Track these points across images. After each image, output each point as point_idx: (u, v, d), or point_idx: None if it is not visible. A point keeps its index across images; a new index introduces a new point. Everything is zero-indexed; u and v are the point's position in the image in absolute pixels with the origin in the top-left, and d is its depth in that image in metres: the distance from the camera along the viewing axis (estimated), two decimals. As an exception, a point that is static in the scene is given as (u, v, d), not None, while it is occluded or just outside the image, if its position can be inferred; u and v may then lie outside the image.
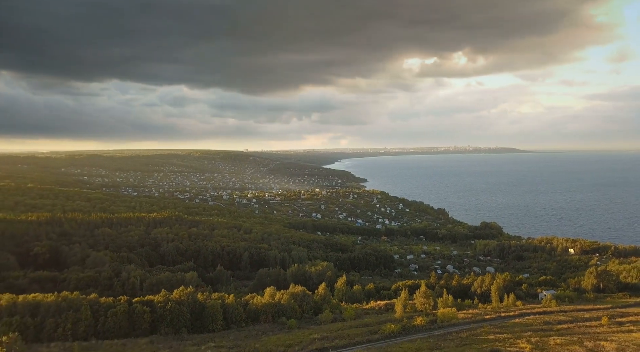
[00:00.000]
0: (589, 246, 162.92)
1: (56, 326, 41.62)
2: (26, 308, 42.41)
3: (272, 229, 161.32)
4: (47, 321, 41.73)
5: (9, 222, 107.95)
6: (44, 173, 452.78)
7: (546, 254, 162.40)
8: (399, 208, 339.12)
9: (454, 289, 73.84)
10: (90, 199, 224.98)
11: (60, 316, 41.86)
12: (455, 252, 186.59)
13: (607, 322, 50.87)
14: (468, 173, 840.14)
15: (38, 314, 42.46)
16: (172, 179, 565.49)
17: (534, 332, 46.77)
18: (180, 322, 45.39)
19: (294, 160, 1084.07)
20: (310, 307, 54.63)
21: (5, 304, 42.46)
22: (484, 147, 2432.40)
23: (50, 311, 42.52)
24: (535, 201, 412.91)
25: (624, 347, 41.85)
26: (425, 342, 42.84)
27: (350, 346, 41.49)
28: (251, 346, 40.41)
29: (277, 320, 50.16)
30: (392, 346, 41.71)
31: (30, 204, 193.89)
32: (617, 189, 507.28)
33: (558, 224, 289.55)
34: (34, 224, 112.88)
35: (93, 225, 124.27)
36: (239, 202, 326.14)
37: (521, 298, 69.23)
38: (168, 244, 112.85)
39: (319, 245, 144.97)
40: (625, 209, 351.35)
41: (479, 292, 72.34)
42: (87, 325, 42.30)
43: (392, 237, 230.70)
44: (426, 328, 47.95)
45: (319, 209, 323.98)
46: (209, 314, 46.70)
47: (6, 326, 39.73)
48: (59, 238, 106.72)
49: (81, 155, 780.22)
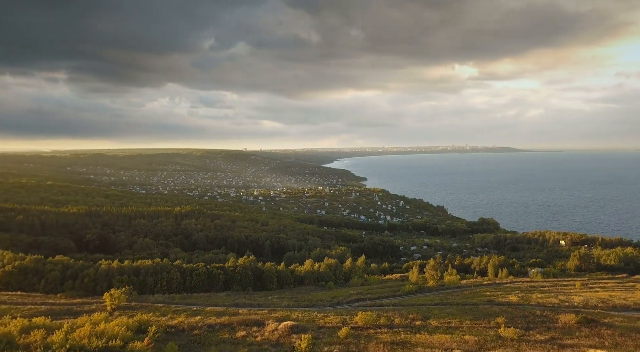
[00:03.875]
0: (578, 238, 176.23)
1: (155, 283, 53.84)
2: (131, 270, 54.66)
3: (286, 222, 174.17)
4: (147, 279, 53.95)
5: (60, 214, 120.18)
6: (53, 172, 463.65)
7: (539, 245, 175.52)
8: (399, 205, 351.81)
9: (456, 267, 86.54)
10: (109, 195, 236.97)
11: (157, 276, 54.17)
12: (455, 244, 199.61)
13: (579, 286, 63.86)
14: (466, 172, 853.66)
15: (140, 275, 54.74)
16: (176, 177, 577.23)
17: (520, 290, 59.68)
18: (246, 282, 57.67)
19: (293, 159, 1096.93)
20: (342, 275, 67.24)
21: (117, 267, 54.77)
22: (482, 147, 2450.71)
23: (149, 272, 54.70)
24: (531, 199, 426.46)
25: (588, 299, 54.84)
26: (437, 296, 55.68)
27: (380, 298, 54.27)
28: (305, 297, 53.16)
29: (317, 283, 62.69)
30: (412, 298, 54.52)
31: (55, 200, 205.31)
32: (612, 187, 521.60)
33: (553, 219, 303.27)
34: (78, 216, 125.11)
35: (128, 217, 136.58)
36: (245, 199, 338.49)
37: (513, 274, 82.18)
38: (199, 233, 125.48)
39: (331, 236, 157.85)
40: (617, 206, 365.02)
41: (477, 269, 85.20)
42: (177, 282, 54.57)
43: (395, 232, 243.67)
44: (437, 289, 60.74)
45: (323, 206, 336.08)
46: (266, 277, 59.07)
47: (119, 282, 51.86)
48: (103, 227, 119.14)
49: (85, 154, 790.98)
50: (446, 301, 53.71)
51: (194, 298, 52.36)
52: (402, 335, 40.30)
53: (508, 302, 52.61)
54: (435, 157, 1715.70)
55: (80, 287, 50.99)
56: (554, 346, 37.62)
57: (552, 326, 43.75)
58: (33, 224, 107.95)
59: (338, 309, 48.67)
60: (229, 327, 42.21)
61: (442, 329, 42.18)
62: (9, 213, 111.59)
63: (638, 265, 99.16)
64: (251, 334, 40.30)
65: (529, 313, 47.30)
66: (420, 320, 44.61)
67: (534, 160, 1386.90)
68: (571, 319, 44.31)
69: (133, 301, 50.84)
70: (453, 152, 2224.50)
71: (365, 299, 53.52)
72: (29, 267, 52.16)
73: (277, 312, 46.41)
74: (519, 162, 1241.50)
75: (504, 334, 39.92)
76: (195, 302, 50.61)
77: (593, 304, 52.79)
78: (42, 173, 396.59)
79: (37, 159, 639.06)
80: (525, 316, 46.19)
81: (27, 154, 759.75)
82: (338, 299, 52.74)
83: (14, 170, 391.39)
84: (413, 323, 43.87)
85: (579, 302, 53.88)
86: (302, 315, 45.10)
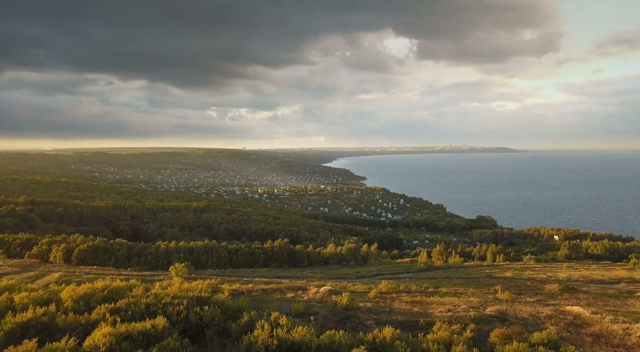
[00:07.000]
0: (571, 233, 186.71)
1: (207, 260, 63.56)
2: (186, 250, 64.43)
3: (296, 218, 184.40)
4: (200, 257, 63.71)
5: (93, 207, 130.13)
6: (59, 169, 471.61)
7: (534, 240, 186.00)
8: (400, 203, 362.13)
9: (458, 254, 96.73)
10: (122, 192, 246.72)
11: (208, 254, 63.97)
12: (454, 239, 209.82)
13: (566, 267, 74.17)
14: (465, 172, 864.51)
15: (193, 253, 64.51)
16: (180, 176, 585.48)
17: (515, 269, 69.94)
18: (282, 260, 67.51)
19: (293, 158, 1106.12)
20: (360, 257, 77.29)
21: (174, 247, 64.65)
22: (479, 147, 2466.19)
23: (201, 251, 64.49)
24: (528, 197, 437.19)
25: (572, 275, 65.12)
26: (444, 273, 65.89)
27: (396, 273, 64.40)
28: (333, 272, 63.29)
29: (340, 263, 72.68)
30: (423, 274, 64.72)
31: (73, 196, 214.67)
32: (609, 186, 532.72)
33: (549, 217, 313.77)
34: (108, 209, 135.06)
35: (153, 210, 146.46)
36: (251, 197, 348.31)
37: (509, 260, 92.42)
38: (219, 226, 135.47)
39: (339, 230, 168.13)
40: (612, 205, 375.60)
41: (477, 255, 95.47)
42: (225, 260, 64.33)
43: (396, 229, 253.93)
44: (443, 268, 70.91)
45: (326, 203, 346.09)
46: (298, 256, 69.03)
47: (177, 259, 61.51)
48: (132, 219, 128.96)
49: (88, 152, 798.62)
50: (452, 276, 63.93)
51: (241, 272, 62.42)
52: (418, 297, 50.38)
53: (504, 277, 62.83)
54: (434, 157, 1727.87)
55: (145, 263, 60.70)
56: (540, 304, 47.82)
57: (539, 292, 53.88)
58: (71, 216, 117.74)
59: (363, 281, 58.84)
60: (279, 291, 52.30)
61: (450, 294, 52.33)
62: (48, 206, 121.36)
63: (622, 254, 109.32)
64: (298, 296, 50.33)
65: (521, 284, 57.48)
66: (433, 288, 54.74)
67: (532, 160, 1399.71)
68: (555, 287, 54.54)
69: (192, 273, 61.16)
70: (451, 152, 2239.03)
71: (385, 274, 63.74)
72: (100, 247, 61.92)
73: (314, 282, 56.56)
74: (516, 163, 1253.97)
75: (500, 297, 50.10)
76: (243, 275, 60.78)
77: (575, 279, 62.98)
78: (53, 171, 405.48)
79: (42, 157, 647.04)
80: (518, 286, 56.38)
81: (31, 152, 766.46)
82: (361, 273, 62.97)
83: (24, 167, 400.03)
84: (427, 290, 53.94)
85: (563, 277, 64.11)
86: (335, 284, 55.19)
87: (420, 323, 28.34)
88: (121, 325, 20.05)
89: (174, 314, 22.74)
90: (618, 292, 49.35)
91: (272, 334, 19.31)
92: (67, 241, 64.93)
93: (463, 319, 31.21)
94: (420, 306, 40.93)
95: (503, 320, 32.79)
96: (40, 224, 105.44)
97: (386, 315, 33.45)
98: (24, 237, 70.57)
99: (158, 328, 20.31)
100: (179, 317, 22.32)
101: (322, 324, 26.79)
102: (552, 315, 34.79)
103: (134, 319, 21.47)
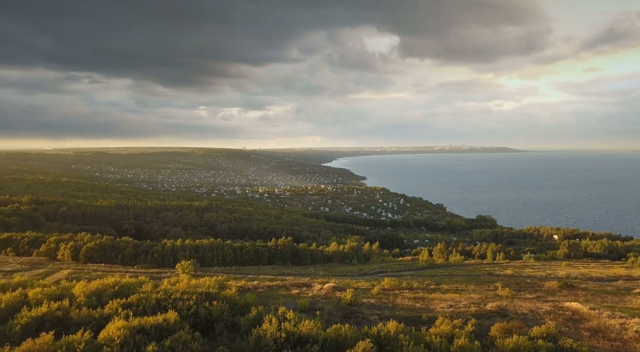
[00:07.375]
0: (570, 233, 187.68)
1: (212, 258, 64.51)
2: (191, 248, 65.39)
3: (297, 217, 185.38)
4: (205, 254, 64.66)
5: (96, 207, 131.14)
6: (60, 169, 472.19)
7: (533, 239, 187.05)
8: (400, 203, 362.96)
9: (459, 252, 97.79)
10: (124, 192, 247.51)
11: (213, 252, 64.93)
12: (455, 239, 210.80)
13: (565, 265, 75.19)
14: (464, 171, 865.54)
15: (199, 251, 65.47)
16: (180, 175, 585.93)
17: (515, 267, 70.91)
18: (286, 257, 68.48)
19: (293, 158, 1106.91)
20: (362, 255, 78.26)
21: (179, 245, 65.66)
22: (479, 147, 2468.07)
23: (206, 250, 65.46)
24: (528, 197, 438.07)
25: (570, 273, 66.13)
26: (445, 270, 66.83)
27: (398, 271, 65.38)
28: (336, 270, 64.32)
29: (343, 261, 73.66)
30: (425, 271, 65.69)
31: (75, 195, 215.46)
32: (608, 186, 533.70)
33: (549, 217, 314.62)
34: (112, 208, 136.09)
35: (155, 210, 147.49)
36: (252, 196, 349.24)
37: (509, 258, 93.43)
38: (221, 225, 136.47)
39: (340, 229, 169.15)
40: (611, 205, 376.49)
41: (478, 254, 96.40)
42: (230, 257, 65.27)
43: (397, 228, 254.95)
44: (444, 266, 71.86)
45: (326, 203, 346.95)
46: (302, 254, 70.02)
47: (183, 257, 62.45)
48: (136, 218, 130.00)
49: (89, 152, 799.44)
50: (453, 273, 64.92)
51: (246, 269, 63.35)
52: (420, 294, 51.36)
53: (504, 274, 63.79)
54: (434, 157, 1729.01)
55: (151, 261, 61.66)
56: (539, 300, 48.77)
57: (538, 289, 54.85)
58: (75, 215, 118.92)
59: (366, 278, 59.77)
60: (284, 287, 53.25)
61: (452, 291, 53.30)
62: (52, 205, 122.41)
63: (620, 253, 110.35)
64: (303, 292, 51.28)
65: (521, 281, 58.42)
66: (434, 285, 55.68)
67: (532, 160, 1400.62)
68: (554, 284, 55.50)
69: (198, 271, 62.13)
70: (450, 152, 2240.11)
71: (387, 271, 64.67)
72: (107, 245, 62.89)
73: (318, 279, 57.53)
74: (515, 162, 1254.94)
75: (501, 293, 51.05)
76: (248, 272, 61.71)
77: (574, 276, 63.94)
78: (55, 170, 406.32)
79: (42, 157, 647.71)
80: (518, 283, 57.33)
81: (31, 151, 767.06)
82: (364, 271, 63.91)
83: (25, 167, 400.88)
84: (429, 287, 54.89)
85: (562, 274, 65.09)
86: (338, 281, 56.16)
87: (423, 318, 29.23)
88: (134, 319, 20.88)
89: (184, 309, 23.61)
90: (616, 289, 50.38)
91: (280, 328, 20.12)
92: (75, 239, 65.99)
93: (464, 315, 32.15)
94: (422, 302, 41.76)
95: (503, 315, 33.78)
96: (45, 223, 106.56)
97: (389, 310, 34.42)
98: (31, 235, 71.71)
99: (170, 322, 21.15)
100: (189, 312, 23.16)
101: (327, 319, 27.66)
102: (551, 311, 35.77)
103: (145, 314, 22.29)
